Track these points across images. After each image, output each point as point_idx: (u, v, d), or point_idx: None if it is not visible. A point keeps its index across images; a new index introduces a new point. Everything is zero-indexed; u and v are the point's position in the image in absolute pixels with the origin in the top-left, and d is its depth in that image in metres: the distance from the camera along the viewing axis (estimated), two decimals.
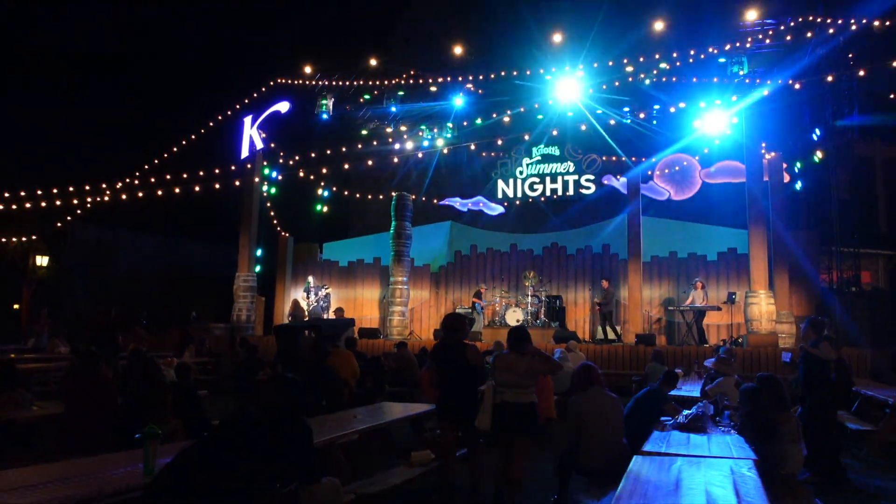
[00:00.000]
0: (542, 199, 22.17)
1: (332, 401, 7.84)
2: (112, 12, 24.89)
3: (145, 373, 6.79)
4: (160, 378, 6.81)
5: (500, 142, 20.90)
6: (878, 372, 13.27)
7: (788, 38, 15.76)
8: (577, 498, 5.71)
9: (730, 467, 4.02)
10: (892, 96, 17.46)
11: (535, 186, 22.30)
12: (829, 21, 15.93)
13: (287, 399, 3.85)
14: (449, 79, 19.64)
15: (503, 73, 18.90)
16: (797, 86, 15.72)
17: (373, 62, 20.25)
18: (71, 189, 18.14)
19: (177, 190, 19.04)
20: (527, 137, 20.43)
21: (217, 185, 19.20)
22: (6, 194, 17.66)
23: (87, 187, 18.26)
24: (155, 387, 6.59)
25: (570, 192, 21.89)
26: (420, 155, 21.72)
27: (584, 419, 5.80)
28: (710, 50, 16.67)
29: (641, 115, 18.61)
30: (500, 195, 22.64)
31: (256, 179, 19.93)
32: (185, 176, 18.96)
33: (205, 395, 8.41)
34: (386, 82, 20.40)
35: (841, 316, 15.62)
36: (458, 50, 19.20)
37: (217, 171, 19.34)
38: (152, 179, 18.86)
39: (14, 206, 17.71)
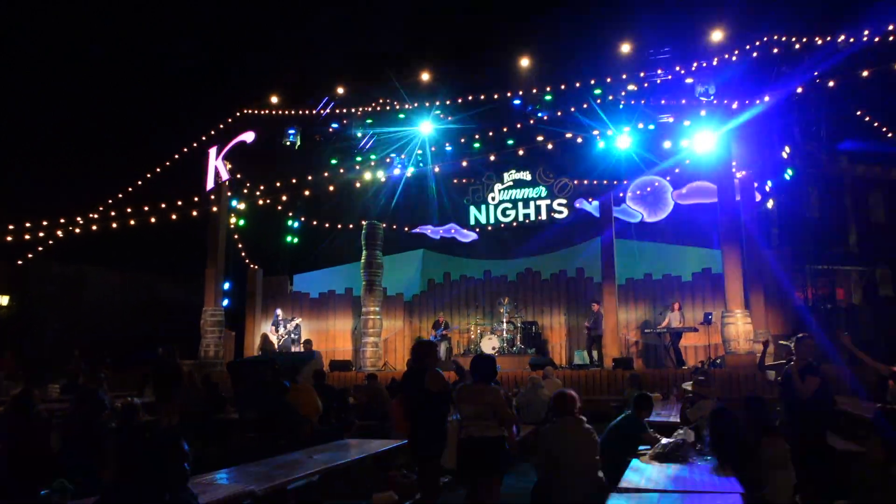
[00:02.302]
0: (515, 224, 21.91)
1: (291, 440, 7.37)
2: (82, 42, 24.47)
3: (85, 414, 6.29)
4: (100, 420, 6.32)
5: (465, 163, 20.68)
6: (857, 389, 13.00)
7: (755, 55, 15.78)
8: None
9: None
10: (857, 113, 17.54)
11: (508, 212, 22.05)
12: (793, 39, 15.98)
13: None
14: (416, 105, 19.43)
15: (471, 98, 18.74)
16: (766, 99, 15.66)
17: (339, 90, 20.00)
18: (28, 225, 17.52)
19: (132, 223, 18.50)
20: (493, 158, 20.23)
21: (175, 217, 18.70)
22: None
23: (45, 223, 17.65)
24: (94, 430, 6.11)
25: (543, 216, 21.66)
26: (387, 182, 21.43)
27: (554, 452, 5.40)
28: (678, 69, 16.64)
29: (609, 133, 18.44)
30: (472, 222, 22.34)
31: (217, 210, 19.41)
32: (146, 209, 18.47)
33: None
34: (353, 110, 20.17)
35: (818, 333, 15.39)
36: (425, 76, 19.02)
37: (180, 203, 18.87)
38: (112, 213, 18.34)
39: None
